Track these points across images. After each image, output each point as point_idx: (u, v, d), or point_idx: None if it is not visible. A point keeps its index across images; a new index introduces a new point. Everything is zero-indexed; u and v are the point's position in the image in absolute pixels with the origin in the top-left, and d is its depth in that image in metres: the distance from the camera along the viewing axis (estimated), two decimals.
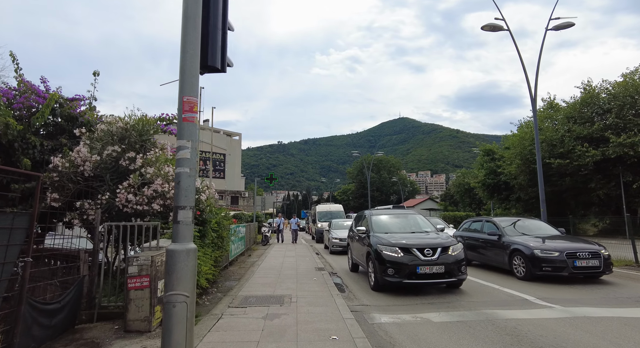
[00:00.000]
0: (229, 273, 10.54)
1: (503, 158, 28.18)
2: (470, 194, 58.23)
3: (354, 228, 10.85)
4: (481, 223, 11.09)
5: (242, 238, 15.19)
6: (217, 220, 8.26)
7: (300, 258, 13.86)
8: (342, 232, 16.45)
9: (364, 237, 9.01)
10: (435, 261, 7.37)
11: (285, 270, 10.48)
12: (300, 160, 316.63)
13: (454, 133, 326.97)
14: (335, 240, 15.95)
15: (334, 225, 18.14)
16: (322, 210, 26.37)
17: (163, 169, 6.60)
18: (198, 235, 6.52)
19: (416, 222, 9.45)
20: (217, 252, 8.46)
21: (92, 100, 8.30)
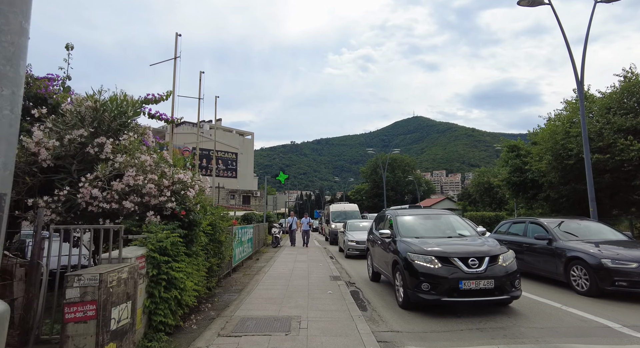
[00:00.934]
0: (231, 282, 9.15)
1: (530, 154, 26.19)
2: (490, 193, 55.94)
3: (374, 231, 9.36)
4: (524, 225, 9.47)
5: (249, 240, 13.84)
6: (212, 222, 6.87)
7: (313, 263, 12.43)
8: (359, 234, 14.98)
9: (389, 242, 7.52)
10: (483, 274, 5.83)
11: (296, 280, 9.04)
12: (313, 160, 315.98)
13: (469, 132, 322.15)
14: (352, 243, 14.46)
15: (350, 226, 16.66)
16: (336, 209, 24.89)
17: (138, 157, 5.23)
18: (182, 241, 5.14)
19: (450, 223, 7.90)
20: (213, 260, 7.07)
21: (66, 80, 7.02)
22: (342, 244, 16.60)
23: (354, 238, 14.48)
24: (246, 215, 29.66)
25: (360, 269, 11.52)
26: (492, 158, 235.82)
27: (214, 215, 7.17)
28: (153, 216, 5.21)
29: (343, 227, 17.52)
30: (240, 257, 11.67)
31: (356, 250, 14.26)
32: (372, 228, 9.76)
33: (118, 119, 5.82)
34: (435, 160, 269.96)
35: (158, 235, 4.72)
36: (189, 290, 5.15)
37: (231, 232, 10.03)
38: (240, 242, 11.63)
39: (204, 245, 6.37)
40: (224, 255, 7.98)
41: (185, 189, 5.69)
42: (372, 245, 9.28)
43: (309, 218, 20.98)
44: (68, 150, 5.31)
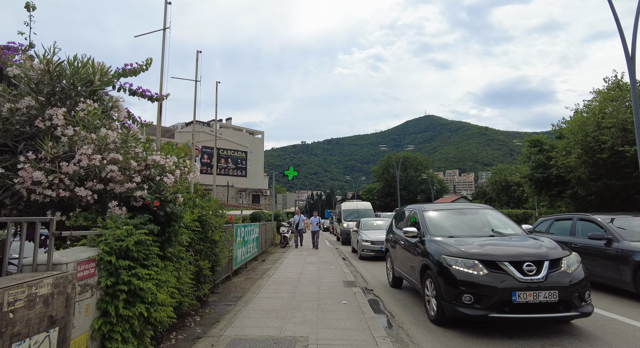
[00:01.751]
0: (230, 288, 7.96)
1: (555, 149, 24.53)
2: (508, 191, 54.01)
3: (394, 230, 8.08)
4: (571, 222, 8.07)
5: (254, 239, 12.67)
6: (201, 217, 5.68)
7: (324, 265, 11.18)
8: (374, 233, 13.69)
9: (415, 242, 6.24)
10: (543, 283, 4.51)
11: (304, 286, 7.80)
12: (323, 160, 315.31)
13: (482, 130, 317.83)
14: (366, 243, 13.16)
15: (363, 225, 15.37)
16: (349, 208, 23.60)
17: (97, 132, 4.05)
18: (154, 240, 3.95)
19: (489, 220, 6.56)
20: (204, 263, 5.87)
21: (28, 48, 5.90)
22: (355, 244, 15.32)
23: (369, 238, 13.19)
24: (255, 214, 28.54)
25: (377, 273, 10.25)
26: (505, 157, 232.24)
27: (205, 210, 5.97)
28: (117, 207, 4.02)
29: (356, 226, 16.24)
30: (243, 258, 10.48)
31: (371, 251, 12.97)
32: (392, 226, 8.48)
33: (80, 87, 4.66)
34: (448, 159, 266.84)
35: (116, 232, 3.53)
36: (163, 303, 3.96)
37: (230, 231, 8.85)
38: (243, 242, 10.46)
39: (188, 245, 5.17)
40: (219, 257, 6.78)
41: (162, 175, 4.50)
42: (392, 246, 7.99)
43: (318, 217, 18.36)
44: (9, 123, 4.16)
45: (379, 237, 13.12)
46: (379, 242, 12.86)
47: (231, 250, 8.91)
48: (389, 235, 8.40)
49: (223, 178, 54.63)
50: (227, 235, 7.28)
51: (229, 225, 9.01)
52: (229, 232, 8.82)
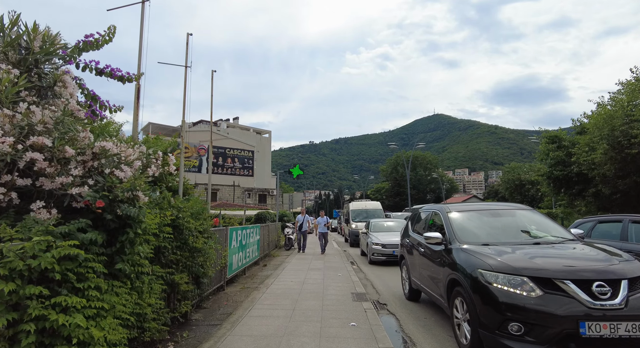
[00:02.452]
0: (220, 300, 6.90)
1: (577, 144, 23.09)
2: (522, 190, 52.32)
3: (411, 233, 6.95)
4: (621, 224, 6.85)
5: (255, 242, 11.62)
6: (175, 220, 4.61)
7: (330, 272, 10.08)
8: (385, 235, 12.55)
9: (440, 250, 5.10)
10: (622, 310, 3.36)
11: (306, 299, 6.70)
12: (331, 160, 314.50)
13: (492, 129, 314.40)
14: (376, 247, 12.02)
15: (374, 226, 14.22)
16: (357, 208, 22.43)
17: (16, 107, 3.00)
18: (93, 255, 2.89)
19: (527, 222, 5.39)
20: (180, 276, 4.80)
21: None
22: (364, 247, 14.19)
23: (380, 241, 12.05)
24: (260, 214, 27.54)
25: (389, 280, 9.12)
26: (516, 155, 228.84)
27: (183, 212, 4.91)
28: (44, 209, 2.97)
29: (365, 228, 15.09)
30: (241, 264, 9.42)
31: (382, 255, 11.83)
32: (407, 229, 7.34)
33: (13, 56, 3.62)
34: (457, 158, 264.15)
35: (26, 246, 2.47)
36: (106, 341, 2.89)
37: (223, 235, 7.79)
38: (240, 247, 9.40)
39: (155, 256, 4.11)
40: (204, 267, 5.72)
41: (115, 167, 3.43)
42: (408, 252, 6.85)
43: (326, 217, 16.13)
44: None
45: (391, 239, 12.02)
46: (390, 245, 11.74)
47: (225, 256, 7.86)
48: (405, 240, 7.27)
49: (229, 178, 53.84)
50: (212, 242, 6.21)
51: (221, 229, 7.96)
52: (222, 236, 7.77)
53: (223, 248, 7.90)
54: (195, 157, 55.65)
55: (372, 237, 12.69)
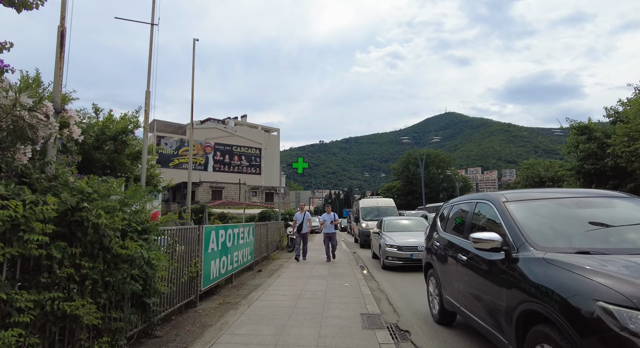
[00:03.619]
0: (184, 322, 5.10)
1: (612, 135, 20.82)
2: (541, 188, 49.79)
3: (440, 233, 5.08)
4: None
5: (247, 244, 9.85)
6: (68, 211, 2.81)
7: (335, 280, 8.24)
8: (401, 236, 10.69)
9: (498, 260, 3.23)
10: None
11: (296, 325, 4.86)
12: (342, 159, 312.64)
13: (505, 127, 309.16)
14: (391, 249, 10.12)
15: (387, 225, 12.33)
16: (368, 205, 20.49)
17: None
18: None
19: (630, 216, 3.49)
20: (81, 302, 3.00)
21: None
22: (376, 249, 12.30)
23: (395, 243, 10.16)
24: (264, 213, 25.83)
25: (409, 292, 7.25)
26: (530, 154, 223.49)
27: (91, 199, 3.10)
28: None
29: (377, 227, 13.20)
30: (223, 272, 7.62)
31: (398, 259, 9.93)
32: (436, 228, 5.45)
33: None
34: (470, 157, 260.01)
35: None
36: None
37: (192, 236, 6.00)
38: (223, 250, 7.62)
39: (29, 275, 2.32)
40: (148, 284, 3.93)
41: None
42: (439, 259, 4.97)
43: (333, 214, 12.68)
44: None
45: (408, 241, 10.17)
46: (407, 247, 9.88)
47: (196, 263, 6.09)
48: (433, 243, 5.37)
49: (236, 176, 52.35)
50: (157, 245, 4.41)
51: (191, 228, 6.18)
52: (193, 238, 5.98)
53: (195, 253, 6.13)
54: (201, 154, 54.30)
55: (385, 237, 10.83)
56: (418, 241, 9.87)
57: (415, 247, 9.72)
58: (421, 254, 9.53)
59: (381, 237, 11.20)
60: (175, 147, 52.19)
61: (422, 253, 9.47)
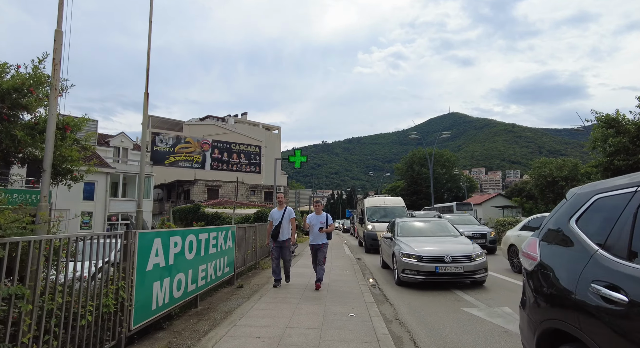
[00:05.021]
0: None
1: None
2: (554, 188, 47.15)
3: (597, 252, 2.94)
4: None
5: (223, 253, 7.67)
6: None
7: (336, 305, 6.03)
8: (422, 243, 8.40)
9: None
10: None
11: None
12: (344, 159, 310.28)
13: (509, 127, 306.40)
14: (410, 261, 7.73)
15: (402, 228, 9.93)
16: (374, 205, 18.23)
17: None
18: None
19: None
20: None
21: None
22: (387, 258, 9.96)
23: (414, 252, 7.84)
24: (260, 213, 23.65)
25: (441, 325, 5.02)
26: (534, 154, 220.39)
27: None
28: None
29: (388, 230, 10.85)
30: (177, 297, 5.41)
31: (418, 272, 7.62)
32: (571, 230, 3.34)
33: None
34: (474, 157, 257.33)
35: None
36: None
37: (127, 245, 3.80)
38: (176, 265, 5.42)
39: None
40: None
41: None
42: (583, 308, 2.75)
43: (325, 215, 7.97)
44: None
45: (431, 249, 7.94)
46: (431, 257, 7.62)
47: (121, 288, 3.90)
48: None
49: (234, 174, 50.21)
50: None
51: (115, 233, 3.99)
52: (121, 247, 3.78)
53: (128, 271, 3.95)
54: (198, 152, 52.16)
55: (400, 244, 8.53)
56: (444, 249, 7.86)
57: (442, 257, 7.58)
58: (450, 267, 7.36)
59: (395, 244, 8.89)
60: (171, 144, 50.11)
61: (452, 266, 7.35)
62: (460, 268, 7.37)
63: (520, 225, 10.42)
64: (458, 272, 7.38)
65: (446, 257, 7.49)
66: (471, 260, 7.49)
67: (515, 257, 9.77)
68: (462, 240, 8.84)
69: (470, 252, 7.63)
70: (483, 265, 7.57)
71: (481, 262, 7.55)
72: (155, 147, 47.91)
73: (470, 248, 7.84)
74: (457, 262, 7.42)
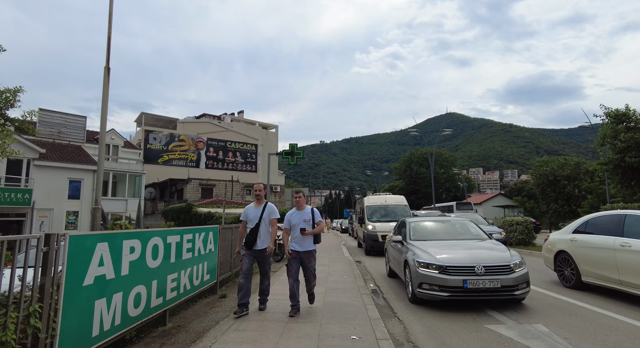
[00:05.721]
0: None
1: None
2: (556, 187, 46.34)
3: None
4: None
5: (202, 258, 6.58)
6: None
7: (334, 324, 4.94)
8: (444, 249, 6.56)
9: None
10: None
11: None
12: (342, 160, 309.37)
13: (506, 128, 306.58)
14: (429, 272, 6.01)
15: (414, 230, 8.00)
16: (374, 203, 17.10)
17: None
18: None
19: None
20: None
21: None
22: (397, 266, 8.20)
23: (435, 261, 6.10)
24: None
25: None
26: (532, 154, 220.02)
27: None
28: None
29: (396, 232, 9.32)
30: (134, 316, 4.30)
31: (441, 287, 5.86)
32: None
33: None
34: (471, 157, 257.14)
35: None
36: None
37: None
38: (132, 276, 4.33)
39: None
40: None
41: None
42: None
43: (311, 209, 5.78)
44: None
45: (456, 257, 6.15)
46: (457, 268, 5.86)
47: (37, 312, 2.79)
48: None
49: (229, 173, 49.04)
50: None
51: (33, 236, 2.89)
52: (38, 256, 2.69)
53: (47, 290, 2.85)
54: (193, 150, 50.93)
55: (415, 250, 6.76)
56: (474, 257, 6.08)
57: (472, 268, 5.82)
58: (482, 281, 5.65)
59: (407, 250, 7.10)
60: (164, 143, 48.84)
61: (485, 279, 5.62)
62: (496, 282, 5.70)
63: (573, 227, 8.00)
64: (493, 288, 5.69)
65: (477, 268, 5.81)
66: (509, 272, 5.86)
67: (566, 267, 7.75)
68: (492, 244, 7.03)
69: (508, 261, 6.01)
70: (524, 277, 5.95)
71: (522, 273, 5.94)
72: (148, 145, 46.66)
73: (508, 256, 6.19)
74: (491, 274, 5.79)
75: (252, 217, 5.73)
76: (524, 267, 6.10)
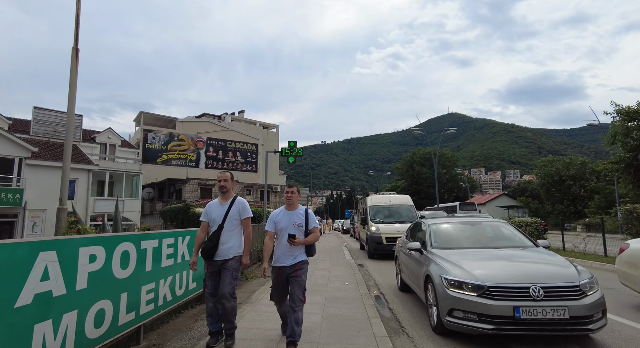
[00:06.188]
0: None
1: None
2: (561, 187, 45.45)
3: None
4: None
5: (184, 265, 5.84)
6: None
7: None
8: (481, 263, 4.78)
9: None
10: None
11: None
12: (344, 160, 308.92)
13: (508, 128, 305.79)
14: (466, 296, 4.26)
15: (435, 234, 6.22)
16: (378, 203, 16.32)
17: None
18: None
19: None
20: None
21: None
22: (412, 280, 6.56)
23: (477, 279, 4.34)
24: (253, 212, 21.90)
25: None
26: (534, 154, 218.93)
27: None
28: None
29: (409, 236, 7.81)
30: (97, 337, 3.62)
31: (483, 316, 4.12)
32: None
33: None
34: (473, 157, 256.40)
35: None
36: None
37: None
38: (100, 288, 3.64)
39: None
40: None
41: None
42: None
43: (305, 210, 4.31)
44: None
45: (501, 273, 4.41)
46: (504, 289, 4.14)
47: None
48: None
49: None
50: None
51: None
52: None
53: None
54: (192, 149, 50.29)
55: (441, 262, 5.07)
56: (526, 273, 4.38)
57: (525, 290, 4.12)
58: (542, 309, 3.96)
59: (430, 261, 5.33)
60: (163, 142, 48.22)
61: (546, 307, 3.93)
62: (561, 310, 3.96)
63: None
64: (558, 318, 3.94)
65: (534, 290, 4.06)
66: (580, 295, 4.10)
67: None
68: (546, 255, 5.08)
69: (576, 280, 4.23)
70: (600, 304, 4.15)
71: (597, 298, 4.16)
72: (147, 145, 46.06)
73: (574, 273, 4.39)
74: (554, 299, 4.03)
75: (214, 217, 4.32)
76: (598, 288, 4.32)
